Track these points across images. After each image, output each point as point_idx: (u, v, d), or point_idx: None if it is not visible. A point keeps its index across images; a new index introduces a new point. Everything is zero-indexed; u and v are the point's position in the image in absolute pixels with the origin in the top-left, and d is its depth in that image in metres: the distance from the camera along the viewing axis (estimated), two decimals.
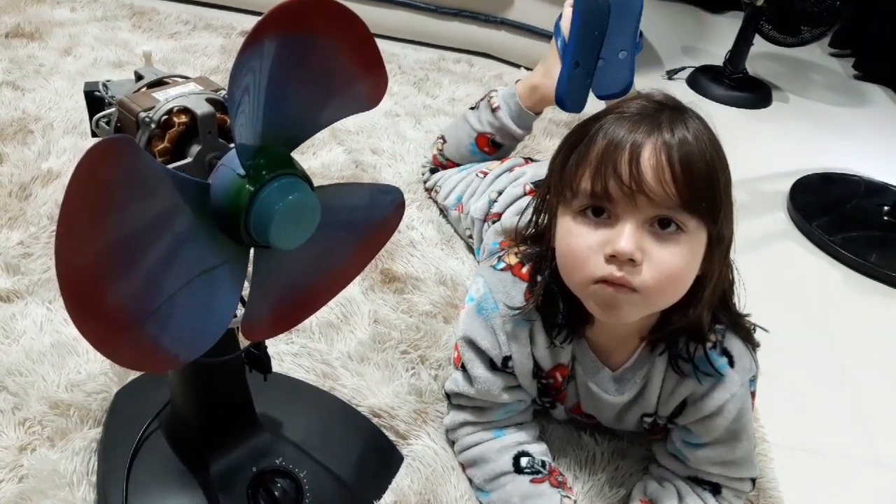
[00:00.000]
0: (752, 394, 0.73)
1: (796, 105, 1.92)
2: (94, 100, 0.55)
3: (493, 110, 1.10)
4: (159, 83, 0.54)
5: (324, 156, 1.28)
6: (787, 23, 1.81)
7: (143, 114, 0.50)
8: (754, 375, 0.72)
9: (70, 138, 1.21)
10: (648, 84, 1.66)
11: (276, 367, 0.71)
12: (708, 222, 0.61)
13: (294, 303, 0.57)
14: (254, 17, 0.40)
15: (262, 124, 0.46)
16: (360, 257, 0.61)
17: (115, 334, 0.44)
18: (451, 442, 0.80)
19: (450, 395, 0.80)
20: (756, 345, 0.73)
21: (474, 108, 1.14)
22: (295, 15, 0.43)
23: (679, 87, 1.89)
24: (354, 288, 1.00)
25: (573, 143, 0.65)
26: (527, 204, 0.77)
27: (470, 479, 0.78)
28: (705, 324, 0.67)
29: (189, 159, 0.50)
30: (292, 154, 0.49)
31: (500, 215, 0.97)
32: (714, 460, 0.73)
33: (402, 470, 0.78)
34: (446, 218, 1.16)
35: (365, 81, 0.51)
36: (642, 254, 0.60)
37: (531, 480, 0.74)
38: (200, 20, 1.69)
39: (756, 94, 1.88)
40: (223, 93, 0.52)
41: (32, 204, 1.05)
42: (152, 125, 0.50)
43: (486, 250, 0.98)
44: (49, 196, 1.07)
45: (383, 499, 0.75)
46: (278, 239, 0.46)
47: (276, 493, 0.65)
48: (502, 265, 0.76)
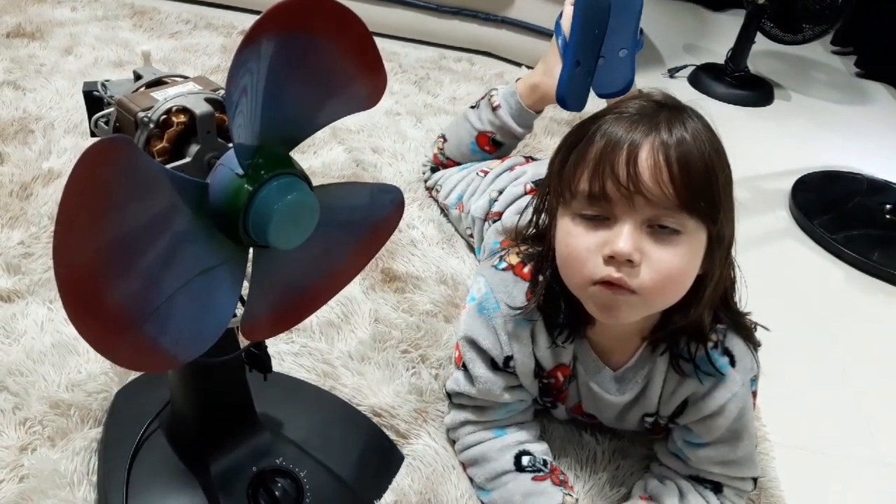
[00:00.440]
0: (754, 393, 0.73)
1: (798, 103, 1.92)
2: (93, 99, 0.55)
3: (494, 109, 1.10)
4: (158, 83, 0.54)
5: (324, 155, 1.28)
6: (789, 20, 1.80)
7: (141, 114, 0.50)
8: (755, 375, 0.72)
9: (71, 138, 1.21)
10: (649, 82, 1.66)
11: (276, 366, 0.71)
12: (707, 222, 0.61)
13: (294, 302, 0.57)
14: (254, 17, 0.40)
15: (260, 124, 0.45)
16: (360, 257, 0.61)
17: (114, 334, 0.44)
18: (452, 441, 0.80)
19: (451, 395, 0.80)
20: (757, 344, 0.73)
21: (475, 106, 1.14)
22: (293, 14, 0.43)
23: (680, 85, 1.88)
24: (355, 287, 0.99)
25: (572, 144, 0.65)
26: (527, 203, 0.77)
27: (471, 478, 0.78)
28: (706, 324, 0.67)
29: (188, 159, 0.50)
30: (291, 153, 0.49)
31: (500, 214, 0.97)
32: (715, 460, 0.73)
33: (403, 469, 0.78)
34: (447, 217, 1.16)
35: (364, 81, 0.51)
36: (640, 255, 0.60)
37: (533, 478, 0.74)
38: (201, 19, 1.69)
39: (758, 92, 1.87)
40: (222, 92, 0.52)
41: (33, 204, 1.05)
42: (151, 125, 0.50)
43: (487, 249, 0.98)
44: (50, 196, 1.07)
45: (384, 498, 0.75)
46: (277, 239, 0.46)
47: (277, 492, 0.65)
48: (504, 265, 0.76)
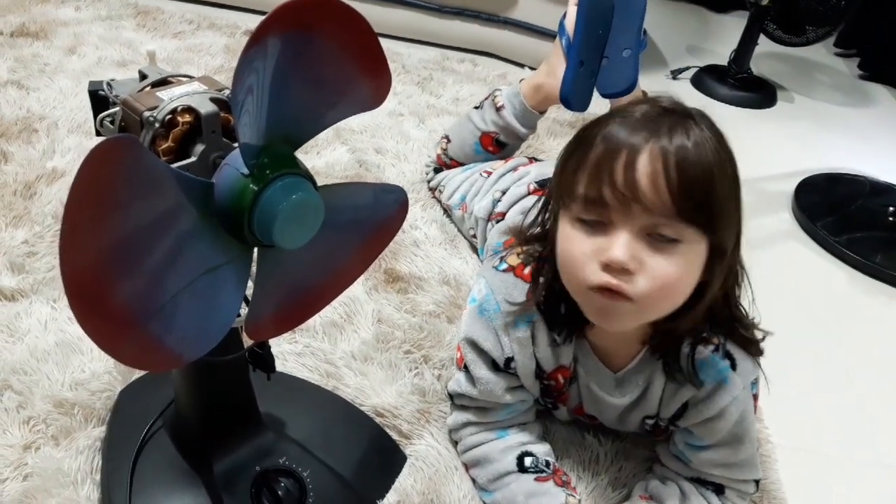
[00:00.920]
0: (755, 396, 0.73)
1: (801, 105, 1.91)
2: (99, 99, 0.55)
3: (498, 109, 1.10)
4: (163, 82, 0.54)
5: (328, 155, 1.28)
6: (792, 22, 1.80)
7: (147, 113, 0.50)
8: (756, 378, 0.72)
9: (75, 137, 1.21)
10: (652, 83, 1.66)
11: (279, 366, 0.71)
12: (706, 232, 0.59)
13: (298, 302, 0.57)
14: (258, 17, 0.40)
15: (265, 123, 0.46)
16: (364, 257, 0.61)
17: (118, 333, 0.44)
18: (455, 442, 0.80)
19: (452, 396, 0.80)
20: (760, 353, 0.71)
21: (478, 107, 1.14)
22: (299, 14, 0.43)
23: (683, 86, 1.88)
24: (358, 287, 0.99)
25: (575, 147, 0.65)
26: (532, 203, 0.77)
27: (473, 479, 0.78)
28: (706, 330, 0.67)
29: (193, 158, 0.50)
30: (296, 153, 0.49)
31: (503, 214, 0.97)
32: (717, 462, 0.73)
33: (406, 470, 0.78)
34: (450, 217, 1.16)
35: (369, 81, 0.51)
36: (637, 263, 0.59)
37: (535, 479, 0.74)
38: (204, 19, 1.69)
39: (761, 94, 1.87)
40: (227, 92, 0.52)
41: (37, 203, 1.06)
42: (156, 124, 0.50)
43: (490, 250, 0.98)
44: (54, 195, 1.07)
45: (386, 498, 0.75)
46: (282, 238, 0.47)
47: (280, 492, 0.65)
48: (504, 266, 0.76)
